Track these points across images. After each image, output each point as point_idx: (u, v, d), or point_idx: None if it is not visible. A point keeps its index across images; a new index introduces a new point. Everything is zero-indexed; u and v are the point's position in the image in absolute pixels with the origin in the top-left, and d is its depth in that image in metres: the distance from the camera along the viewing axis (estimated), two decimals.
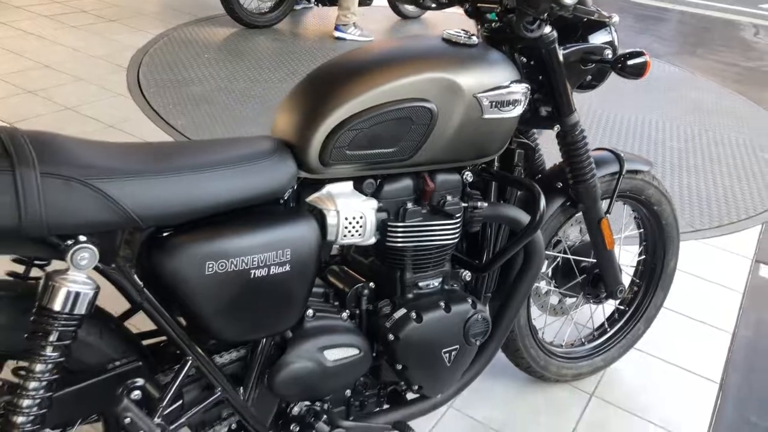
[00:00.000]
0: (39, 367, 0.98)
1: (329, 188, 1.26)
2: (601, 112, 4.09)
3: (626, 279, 1.89)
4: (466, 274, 1.49)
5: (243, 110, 3.51)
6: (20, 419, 0.98)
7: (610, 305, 2.06)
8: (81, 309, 0.99)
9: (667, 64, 5.22)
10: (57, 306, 0.97)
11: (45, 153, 0.94)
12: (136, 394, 1.09)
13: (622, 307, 2.05)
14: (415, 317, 1.32)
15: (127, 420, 1.03)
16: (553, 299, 1.92)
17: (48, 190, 0.92)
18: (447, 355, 1.38)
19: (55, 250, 0.99)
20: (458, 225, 1.36)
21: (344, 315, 1.33)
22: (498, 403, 1.89)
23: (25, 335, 0.99)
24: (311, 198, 1.25)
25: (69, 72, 3.75)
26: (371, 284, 1.38)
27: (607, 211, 1.70)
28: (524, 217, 1.44)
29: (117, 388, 1.08)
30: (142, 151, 1.06)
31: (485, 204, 1.40)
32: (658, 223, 1.92)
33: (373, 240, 1.30)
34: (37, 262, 1.16)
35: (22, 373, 0.98)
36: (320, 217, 1.23)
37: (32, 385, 0.98)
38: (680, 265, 2.55)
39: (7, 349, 1.03)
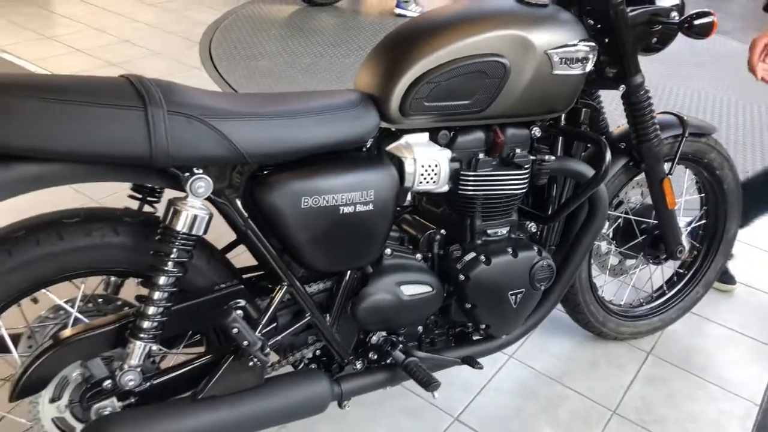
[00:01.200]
0: (162, 280, 1.13)
1: (407, 138, 1.37)
2: (666, 87, 4.05)
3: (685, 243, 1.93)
4: (532, 226, 1.58)
5: (309, 83, 3.65)
6: (146, 324, 1.14)
7: (668, 268, 2.12)
8: (198, 230, 1.13)
9: (734, 41, 5.09)
10: (179, 226, 1.12)
11: (170, 95, 1.08)
12: (239, 313, 1.23)
13: (681, 271, 2.10)
14: (484, 260, 1.43)
15: (235, 330, 1.17)
16: (613, 260, 1.98)
17: (173, 127, 1.06)
18: (513, 297, 1.48)
19: (174, 180, 1.14)
20: (526, 176, 1.45)
21: (418, 257, 1.45)
22: (557, 355, 1.98)
23: (151, 252, 1.15)
24: (390, 147, 1.37)
25: (147, 47, 3.97)
26: (442, 231, 1.49)
27: (669, 172, 1.75)
28: (589, 171, 1.52)
29: (222, 307, 1.23)
30: (250, 98, 1.19)
31: (552, 157, 1.48)
32: (719, 188, 1.96)
33: (446, 188, 1.41)
34: (149, 199, 1.33)
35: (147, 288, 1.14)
36: (398, 165, 1.34)
37: (156, 295, 1.13)
38: (744, 237, 2.57)
39: (129, 266, 1.19)
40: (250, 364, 1.22)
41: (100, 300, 1.31)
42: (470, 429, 1.71)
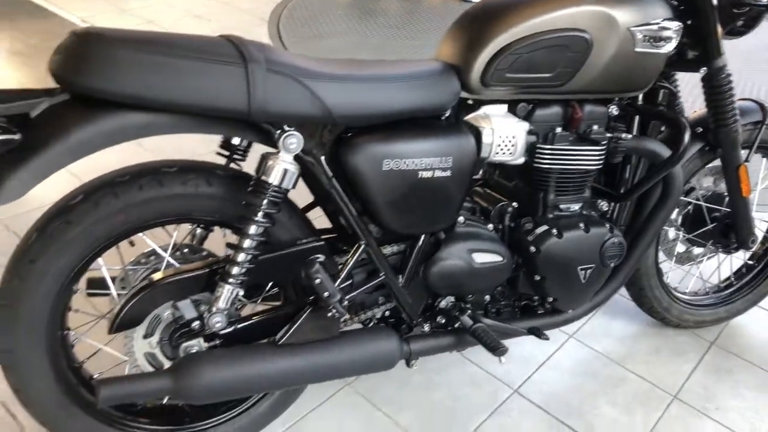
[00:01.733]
0: (252, 229, 1.20)
1: (486, 109, 1.40)
2: (744, 73, 3.93)
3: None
4: (603, 205, 1.58)
5: None
6: (235, 270, 1.21)
7: (737, 260, 2.08)
8: (288, 184, 1.20)
9: None
10: (272, 179, 1.18)
11: (268, 54, 1.14)
12: (322, 265, 1.29)
13: (751, 263, 2.06)
14: (556, 233, 1.45)
15: (317, 281, 1.24)
16: (680, 247, 1.97)
17: (270, 84, 1.12)
18: (582, 272, 1.50)
19: (266, 136, 1.20)
20: (602, 153, 1.46)
21: (489, 227, 1.48)
22: (618, 338, 1.98)
23: (243, 203, 1.22)
24: (469, 117, 1.40)
25: (219, 22, 4.09)
26: (513, 204, 1.52)
27: (746, 159, 1.73)
28: (666, 151, 1.51)
29: (302, 261, 1.29)
30: (341, 63, 1.24)
31: (629, 136, 1.48)
32: None
33: (521, 160, 1.43)
34: (235, 156, 1.40)
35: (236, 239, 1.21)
36: (476, 135, 1.37)
37: (246, 243, 1.20)
38: None
39: (219, 216, 1.26)
40: (329, 315, 1.28)
41: (186, 249, 1.40)
42: (529, 401, 1.73)
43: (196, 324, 1.27)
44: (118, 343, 1.41)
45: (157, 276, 1.26)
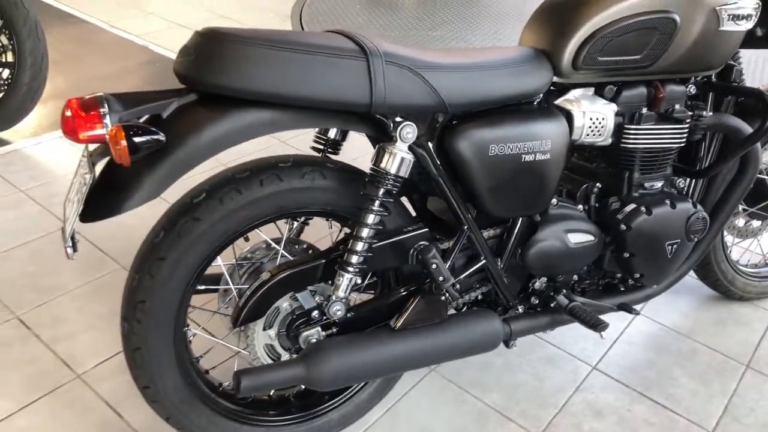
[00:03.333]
0: (370, 218, 1.23)
1: (575, 93, 1.43)
2: None
3: None
4: (680, 182, 1.63)
5: None
6: (354, 258, 1.25)
7: None
8: (404, 173, 1.23)
9: None
10: (390, 168, 1.21)
11: (384, 46, 1.17)
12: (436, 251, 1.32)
13: None
14: (645, 211, 1.49)
15: (434, 266, 1.27)
16: (740, 221, 2.01)
17: (389, 76, 1.15)
18: (669, 247, 1.54)
19: (379, 127, 1.24)
20: (685, 131, 1.50)
21: (579, 207, 1.52)
22: (684, 313, 2.03)
23: (361, 193, 1.25)
24: (560, 101, 1.43)
25: (242, 21, 4.10)
26: (598, 185, 1.55)
27: None
28: (745, 127, 1.55)
29: (408, 248, 1.33)
30: (445, 52, 1.27)
31: (710, 113, 1.52)
32: None
33: (608, 141, 1.47)
34: (329, 151, 1.43)
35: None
36: (567, 118, 1.41)
37: (364, 232, 1.24)
38: None
39: (332, 207, 1.29)
40: (441, 299, 1.31)
41: (293, 243, 1.43)
42: (608, 377, 1.78)
43: (315, 313, 1.30)
44: (230, 338, 1.44)
45: (279, 268, 1.29)
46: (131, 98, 1.12)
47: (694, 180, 1.66)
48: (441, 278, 1.28)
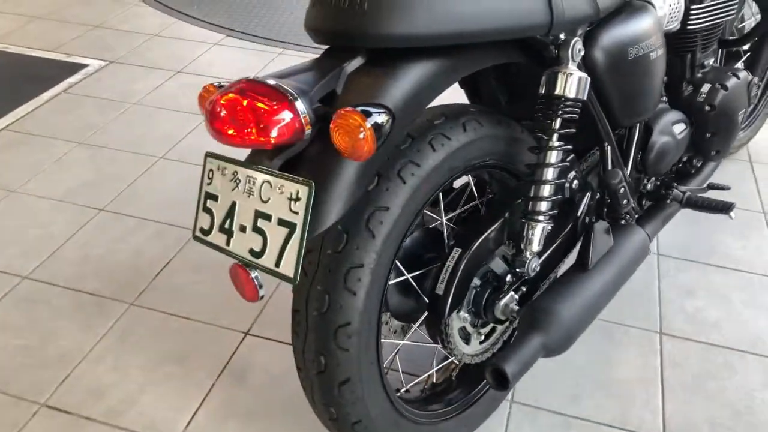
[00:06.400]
0: (554, 156, 1.09)
1: None
2: None
3: None
4: (722, 53, 1.68)
5: None
6: (543, 205, 1.11)
7: None
8: (583, 94, 1.10)
9: None
10: (569, 91, 1.07)
11: None
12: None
13: None
14: (720, 87, 1.51)
15: (622, 189, 1.18)
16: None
17: None
18: (740, 116, 1.60)
19: (542, 50, 1.09)
20: (737, 1, 1.53)
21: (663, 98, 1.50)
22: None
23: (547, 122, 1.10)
24: None
25: None
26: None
27: None
28: None
29: (565, 180, 1.22)
30: None
31: None
32: None
33: (678, 27, 1.45)
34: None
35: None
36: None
37: (549, 174, 1.10)
38: None
39: (497, 159, 1.13)
40: (622, 222, 1.23)
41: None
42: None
43: (508, 277, 1.15)
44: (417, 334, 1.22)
45: (468, 240, 1.12)
46: (293, 78, 0.86)
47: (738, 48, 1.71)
48: (625, 201, 1.19)
